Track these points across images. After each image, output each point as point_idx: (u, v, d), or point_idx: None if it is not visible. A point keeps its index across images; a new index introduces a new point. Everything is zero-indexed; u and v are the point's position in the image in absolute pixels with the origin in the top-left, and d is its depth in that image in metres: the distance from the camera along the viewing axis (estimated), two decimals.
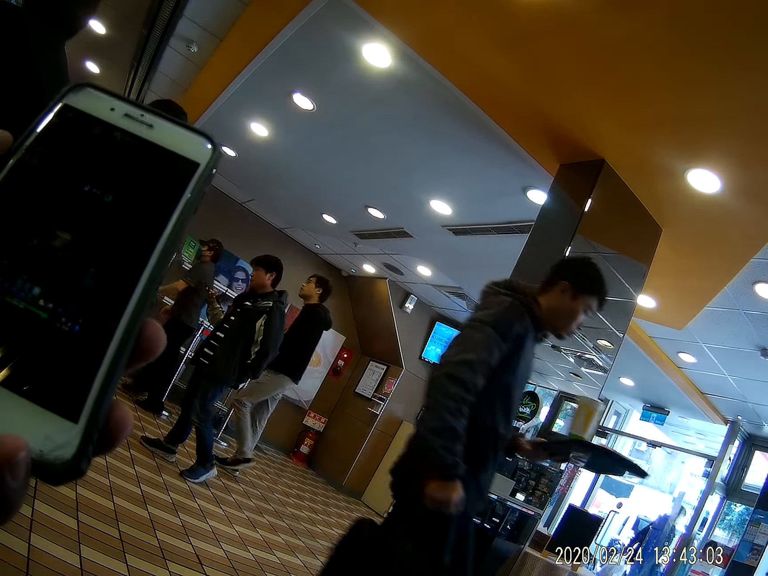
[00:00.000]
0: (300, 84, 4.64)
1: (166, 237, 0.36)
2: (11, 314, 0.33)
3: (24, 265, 0.34)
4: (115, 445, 0.36)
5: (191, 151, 0.38)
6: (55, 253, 0.35)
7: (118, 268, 0.35)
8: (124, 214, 0.36)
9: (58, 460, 0.33)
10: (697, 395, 7.10)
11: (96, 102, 0.39)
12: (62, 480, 0.33)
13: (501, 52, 3.30)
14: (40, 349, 0.34)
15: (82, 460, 0.33)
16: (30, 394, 0.33)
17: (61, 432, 0.33)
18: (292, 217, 8.94)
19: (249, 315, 5.55)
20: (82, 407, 0.33)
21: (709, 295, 4.53)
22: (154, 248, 0.36)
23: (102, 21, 5.84)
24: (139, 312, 0.35)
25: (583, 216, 3.54)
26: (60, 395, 0.33)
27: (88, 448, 0.33)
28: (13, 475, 0.30)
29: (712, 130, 3.03)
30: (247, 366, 5.52)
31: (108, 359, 0.34)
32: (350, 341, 10.86)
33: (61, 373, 0.34)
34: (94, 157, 0.37)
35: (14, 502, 0.32)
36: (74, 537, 3.00)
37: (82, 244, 0.35)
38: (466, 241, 6.14)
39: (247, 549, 4.31)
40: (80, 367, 0.34)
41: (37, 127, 0.37)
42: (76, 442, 0.33)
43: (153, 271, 0.35)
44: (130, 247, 0.36)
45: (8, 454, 0.30)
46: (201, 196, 0.38)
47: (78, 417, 0.33)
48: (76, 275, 0.35)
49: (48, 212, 0.35)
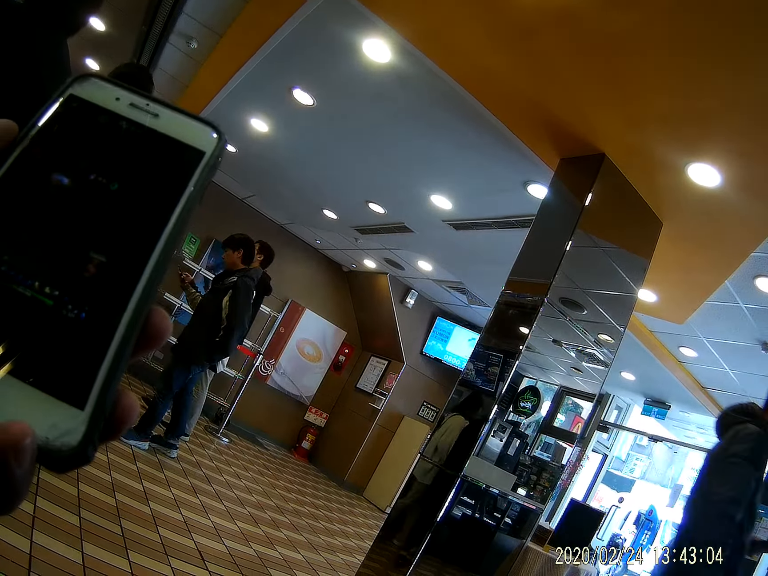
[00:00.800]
0: (300, 80, 4.64)
1: (171, 225, 0.36)
2: (17, 302, 0.33)
3: (30, 254, 0.34)
4: (122, 431, 0.36)
5: (196, 139, 0.38)
6: (60, 241, 0.35)
7: (124, 255, 0.35)
8: (129, 203, 0.36)
9: (64, 446, 0.33)
10: (698, 390, 7.10)
11: (101, 92, 0.39)
12: (68, 467, 0.33)
13: (501, 47, 3.30)
14: (47, 336, 0.34)
15: (88, 447, 0.33)
16: (36, 382, 0.33)
17: (67, 419, 0.33)
18: (292, 212, 8.94)
19: (217, 294, 5.51)
20: (89, 394, 0.33)
21: (710, 289, 4.53)
22: (159, 236, 0.36)
23: (102, 18, 5.83)
24: (146, 299, 0.35)
25: (584, 210, 3.53)
26: (66, 382, 0.33)
27: (95, 435, 0.34)
28: (18, 462, 0.30)
29: (713, 125, 3.03)
30: (215, 344, 5.40)
31: (114, 346, 0.34)
32: (351, 337, 10.86)
33: (67, 361, 0.34)
34: (100, 146, 0.37)
35: (20, 489, 0.32)
36: (76, 533, 3.01)
37: (88, 232, 0.35)
38: (466, 236, 6.14)
39: (249, 544, 4.32)
40: (86, 355, 0.34)
41: (42, 117, 0.37)
42: (82, 429, 0.33)
43: (159, 259, 0.36)
44: (136, 235, 0.36)
45: (14, 440, 0.30)
46: (206, 185, 0.38)
47: (84, 404, 0.33)
48: (82, 263, 0.35)
49: (54, 201, 0.35)
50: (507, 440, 3.81)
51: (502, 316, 3.69)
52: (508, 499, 3.68)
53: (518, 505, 3.76)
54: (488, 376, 3.55)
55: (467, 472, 3.32)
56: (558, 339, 3.81)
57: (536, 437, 4.16)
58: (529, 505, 3.75)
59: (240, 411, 9.10)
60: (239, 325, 5.42)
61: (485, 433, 3.42)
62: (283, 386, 10.16)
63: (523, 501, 3.74)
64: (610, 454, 9.62)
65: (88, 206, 0.35)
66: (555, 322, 3.61)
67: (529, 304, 3.49)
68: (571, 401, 6.65)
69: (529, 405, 3.83)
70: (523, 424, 3.94)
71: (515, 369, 3.39)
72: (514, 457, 4.43)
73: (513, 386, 3.53)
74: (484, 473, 3.48)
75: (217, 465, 6.42)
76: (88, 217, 0.35)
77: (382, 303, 9.95)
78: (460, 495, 3.40)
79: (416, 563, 3.25)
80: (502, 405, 3.54)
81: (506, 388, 3.40)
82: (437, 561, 3.44)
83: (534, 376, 3.83)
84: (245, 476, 6.59)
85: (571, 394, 4.42)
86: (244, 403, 9.02)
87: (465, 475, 3.33)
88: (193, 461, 5.95)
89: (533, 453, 4.15)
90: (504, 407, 3.68)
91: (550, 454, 4.27)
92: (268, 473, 7.53)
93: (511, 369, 3.39)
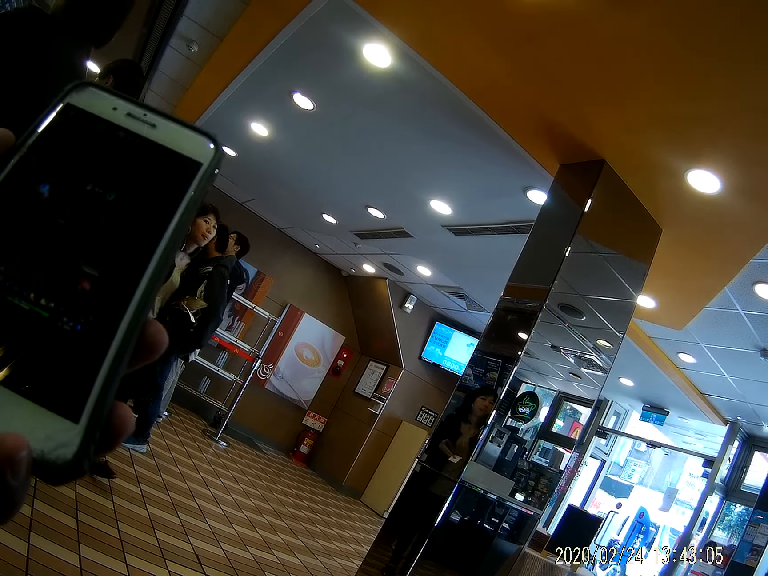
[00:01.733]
0: (300, 84, 4.64)
1: (168, 236, 0.36)
2: (13, 313, 0.33)
3: (26, 265, 0.34)
4: (117, 444, 0.36)
5: (194, 150, 0.38)
6: (56, 252, 0.35)
7: (121, 267, 0.35)
8: (126, 213, 0.36)
9: (59, 459, 0.33)
10: (696, 395, 7.10)
11: (98, 101, 0.39)
12: (63, 479, 0.33)
13: (501, 52, 3.30)
14: (42, 348, 0.33)
15: (83, 460, 0.33)
16: (31, 394, 0.33)
17: (63, 431, 0.33)
18: (292, 216, 8.94)
19: (192, 284, 5.35)
20: (84, 407, 0.33)
21: (709, 295, 4.53)
22: (156, 247, 0.36)
23: None
24: (141, 311, 0.35)
25: (583, 216, 3.53)
26: (61, 395, 0.33)
27: (90, 448, 0.33)
28: (14, 474, 0.30)
29: (713, 131, 3.03)
30: (189, 335, 5.22)
31: (110, 359, 0.34)
32: (350, 341, 10.86)
33: (62, 373, 0.33)
34: (97, 155, 0.37)
35: (15, 501, 0.32)
36: (74, 536, 3.00)
37: (84, 243, 0.35)
38: (465, 241, 6.14)
39: (246, 549, 4.31)
40: (82, 367, 0.34)
41: (39, 126, 0.37)
42: (77, 442, 0.33)
43: (155, 271, 0.35)
44: (132, 246, 0.36)
45: (9, 452, 0.30)
46: (203, 196, 0.38)
47: (79, 417, 0.33)
48: (78, 274, 0.35)
49: (50, 211, 0.35)
50: (505, 446, 3.80)
51: (500, 321, 3.69)
52: (506, 504, 3.67)
53: (516, 511, 3.75)
54: (487, 381, 3.55)
55: (465, 477, 3.32)
56: (557, 345, 3.81)
57: (534, 443, 4.16)
58: (527, 510, 3.74)
59: (238, 415, 9.08)
60: (214, 317, 5.29)
61: (483, 439, 3.42)
62: (282, 390, 10.15)
63: (521, 506, 3.73)
64: (608, 459, 9.62)
65: (84, 217, 0.35)
66: (554, 327, 3.61)
67: (528, 310, 3.49)
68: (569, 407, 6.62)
69: (528, 410, 3.82)
70: (522, 430, 3.94)
71: (514, 374, 3.39)
72: (512, 462, 4.42)
73: (511, 392, 3.53)
74: (482, 478, 3.48)
75: (214, 469, 6.42)
76: (84, 228, 0.35)
77: (380, 308, 9.94)
78: (458, 500, 3.40)
79: (413, 568, 3.24)
80: (500, 410, 3.54)
81: (505, 394, 3.40)
82: (435, 566, 3.43)
83: (532, 382, 3.83)
84: (243, 480, 6.58)
85: (570, 399, 4.42)
86: (242, 406, 9.01)
87: (463, 481, 3.32)
88: (191, 465, 5.94)
89: (531, 458, 4.15)
90: (502, 413, 3.67)
91: (549, 459, 4.27)
92: (266, 477, 7.51)
93: (510, 374, 3.38)
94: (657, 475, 12.65)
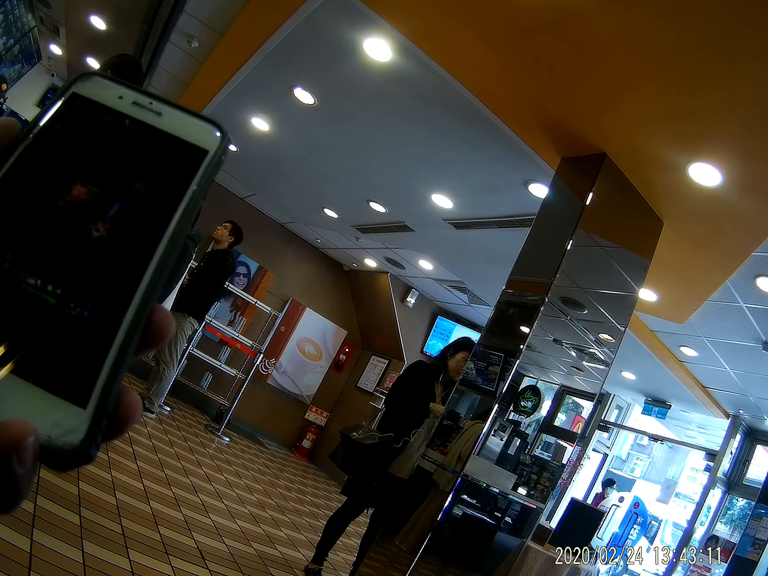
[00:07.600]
0: (301, 78, 4.63)
1: (174, 223, 0.36)
2: (20, 300, 0.33)
3: (33, 252, 0.34)
4: (124, 430, 0.36)
5: (200, 138, 0.38)
6: (62, 239, 0.35)
7: (128, 254, 0.35)
8: (133, 201, 0.36)
9: (66, 445, 0.33)
10: (698, 389, 7.10)
11: (104, 90, 0.39)
12: (70, 466, 0.33)
13: (501, 46, 3.29)
14: (49, 334, 0.34)
15: (90, 446, 0.33)
16: (38, 380, 0.33)
17: (70, 418, 0.33)
18: (293, 211, 8.94)
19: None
20: (91, 393, 0.33)
21: (711, 288, 4.52)
22: (163, 234, 0.36)
23: (103, 17, 5.84)
24: (149, 297, 0.35)
25: (585, 210, 3.53)
26: (68, 381, 0.33)
27: (97, 434, 0.33)
28: (20, 461, 0.30)
29: (714, 124, 3.03)
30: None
31: (117, 345, 0.34)
32: (352, 336, 10.86)
33: (69, 359, 0.34)
34: (103, 144, 0.37)
35: (21, 488, 0.32)
36: (76, 532, 3.01)
37: (90, 230, 0.35)
38: (467, 235, 6.14)
39: (249, 543, 4.32)
40: (89, 353, 0.34)
41: (45, 115, 0.37)
42: (84, 428, 0.33)
43: (162, 257, 0.36)
44: (139, 234, 0.36)
45: (16, 438, 0.30)
46: (209, 183, 0.38)
47: (87, 403, 0.33)
48: (85, 261, 0.35)
49: (56, 199, 0.35)
50: (507, 439, 3.80)
51: (502, 315, 3.69)
52: (508, 498, 3.68)
53: (519, 505, 3.75)
54: (489, 375, 3.55)
55: (468, 471, 3.32)
56: (558, 338, 3.81)
57: (537, 436, 4.16)
58: (530, 504, 3.75)
59: (240, 410, 9.10)
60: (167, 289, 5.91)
61: (486, 433, 3.42)
62: (284, 385, 10.16)
63: (524, 500, 3.74)
64: (610, 453, 9.62)
65: (90, 204, 0.35)
66: (556, 321, 3.61)
67: (530, 304, 3.49)
68: (571, 401, 6.64)
69: (530, 404, 3.82)
70: (524, 424, 3.93)
71: (516, 368, 3.39)
72: (514, 456, 4.43)
73: (513, 385, 3.53)
74: (485, 472, 3.48)
75: (217, 464, 6.43)
76: (90, 215, 0.35)
77: (382, 302, 9.94)
78: (460, 494, 3.40)
79: (416, 562, 3.25)
80: (502, 404, 3.54)
81: (507, 388, 3.40)
82: (437, 560, 3.44)
83: (534, 376, 3.83)
84: (246, 475, 6.60)
85: (572, 393, 4.42)
86: (244, 402, 9.01)
87: (465, 474, 3.32)
88: (194, 460, 5.95)
89: (534, 452, 4.15)
90: (504, 406, 3.67)
91: (551, 453, 4.27)
92: (268, 472, 7.53)
93: (512, 368, 3.38)
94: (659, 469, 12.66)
